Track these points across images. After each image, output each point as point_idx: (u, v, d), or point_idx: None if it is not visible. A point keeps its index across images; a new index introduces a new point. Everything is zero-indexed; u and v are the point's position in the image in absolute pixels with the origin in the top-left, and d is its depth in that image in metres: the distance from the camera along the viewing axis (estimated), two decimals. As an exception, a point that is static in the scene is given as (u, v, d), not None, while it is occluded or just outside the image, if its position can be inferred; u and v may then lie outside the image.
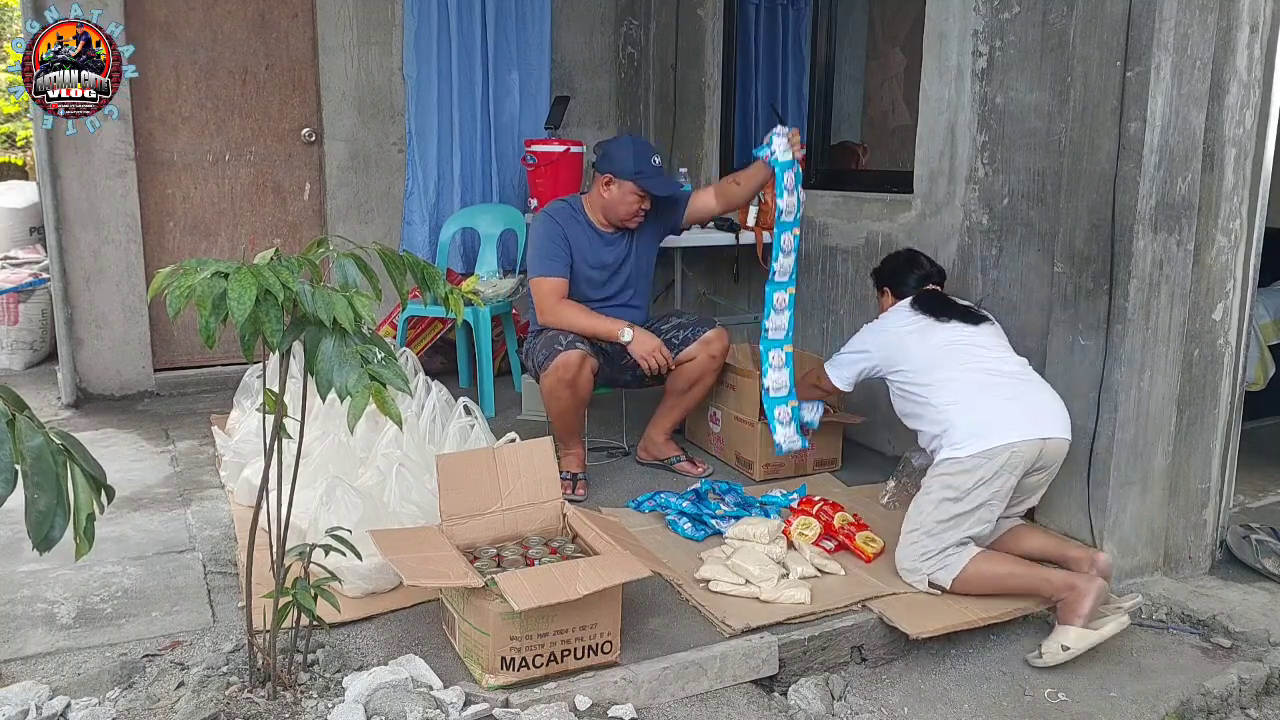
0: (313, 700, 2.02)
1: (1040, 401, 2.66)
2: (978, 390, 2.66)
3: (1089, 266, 2.76)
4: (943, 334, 2.80)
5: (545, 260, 3.34)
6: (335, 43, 4.62)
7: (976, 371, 2.71)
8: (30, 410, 1.51)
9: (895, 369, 2.85)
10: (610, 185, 3.34)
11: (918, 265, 3.13)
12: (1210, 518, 2.94)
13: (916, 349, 2.81)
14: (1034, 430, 2.57)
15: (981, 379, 2.69)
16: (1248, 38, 2.67)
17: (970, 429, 2.58)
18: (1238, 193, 2.76)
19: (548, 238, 3.36)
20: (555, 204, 3.52)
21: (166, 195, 4.53)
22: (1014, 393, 2.67)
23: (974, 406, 2.63)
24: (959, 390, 2.67)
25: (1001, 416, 2.59)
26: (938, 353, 2.77)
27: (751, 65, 4.93)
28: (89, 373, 4.40)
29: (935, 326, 2.83)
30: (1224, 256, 2.79)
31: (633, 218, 3.39)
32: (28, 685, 2.04)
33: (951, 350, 2.77)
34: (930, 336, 2.81)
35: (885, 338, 2.92)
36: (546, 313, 3.33)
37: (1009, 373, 2.73)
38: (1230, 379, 2.89)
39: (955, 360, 2.74)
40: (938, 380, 2.72)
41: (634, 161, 3.30)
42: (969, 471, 2.55)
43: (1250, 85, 2.71)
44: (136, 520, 3.06)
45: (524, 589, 2.07)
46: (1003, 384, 2.68)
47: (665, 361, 3.28)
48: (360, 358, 1.76)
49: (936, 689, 2.40)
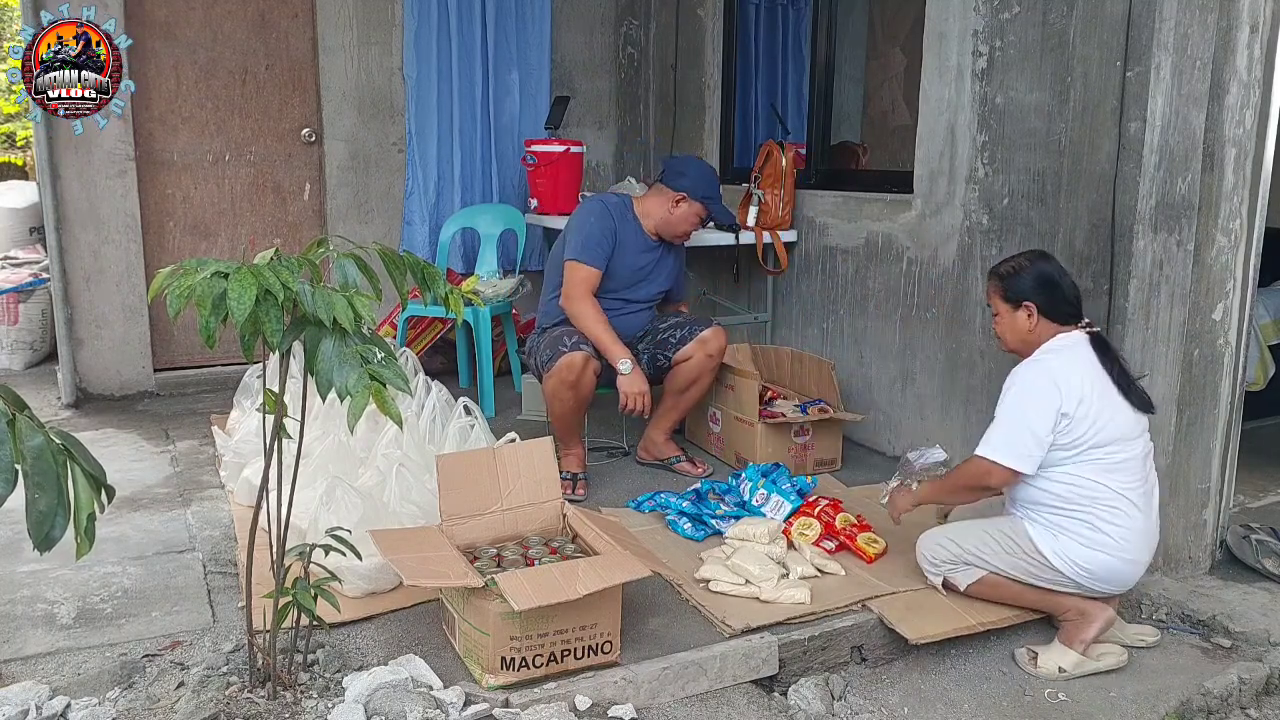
0: (313, 700, 2.02)
1: (1151, 556, 2.47)
2: (1139, 544, 2.37)
3: (1089, 266, 2.76)
4: (1140, 437, 2.38)
5: (589, 248, 3.36)
6: (335, 43, 4.62)
7: (1155, 516, 2.42)
8: (30, 410, 1.51)
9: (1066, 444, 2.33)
10: (681, 203, 3.41)
11: (1067, 280, 2.48)
12: (1210, 518, 2.94)
13: (1110, 435, 2.32)
14: (1132, 585, 2.48)
15: (1147, 534, 2.39)
16: (1248, 38, 2.67)
17: (1101, 568, 2.37)
18: (1238, 193, 2.76)
19: (601, 227, 3.39)
20: (611, 198, 3.57)
21: (166, 195, 4.53)
22: (1150, 553, 2.43)
23: (1125, 557, 2.36)
24: (1129, 531, 2.34)
25: (1129, 575, 2.42)
26: (1135, 464, 2.36)
27: (751, 65, 4.93)
28: (89, 373, 4.40)
29: (1128, 414, 2.36)
30: (1224, 256, 2.79)
31: (685, 235, 3.51)
32: (28, 685, 2.04)
33: (1145, 466, 2.39)
34: (1128, 430, 2.35)
35: (1072, 389, 2.31)
36: (573, 300, 3.34)
37: (1156, 530, 2.45)
38: (1230, 379, 2.89)
39: (1145, 489, 2.38)
40: (1117, 495, 2.33)
41: (708, 187, 3.44)
42: (1049, 576, 2.42)
43: (1250, 85, 2.71)
44: (136, 520, 3.06)
45: (524, 589, 2.07)
46: (1151, 542, 2.42)
47: (644, 410, 3.29)
48: (360, 358, 1.76)
49: (936, 689, 2.40)
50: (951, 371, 3.40)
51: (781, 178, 4.05)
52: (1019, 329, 2.46)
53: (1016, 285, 2.45)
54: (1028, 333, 2.45)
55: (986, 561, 2.48)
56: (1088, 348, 2.39)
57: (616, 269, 3.42)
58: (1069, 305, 2.43)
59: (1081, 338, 2.41)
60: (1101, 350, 2.41)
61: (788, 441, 3.49)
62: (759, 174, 4.12)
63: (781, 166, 4.05)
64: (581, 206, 3.57)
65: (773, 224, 4.09)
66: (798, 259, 4.14)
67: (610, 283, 3.42)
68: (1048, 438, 2.33)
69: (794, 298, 4.19)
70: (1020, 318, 2.45)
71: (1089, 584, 2.41)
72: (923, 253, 3.48)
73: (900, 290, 3.60)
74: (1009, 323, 2.48)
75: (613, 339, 3.28)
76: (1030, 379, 2.37)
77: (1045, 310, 2.42)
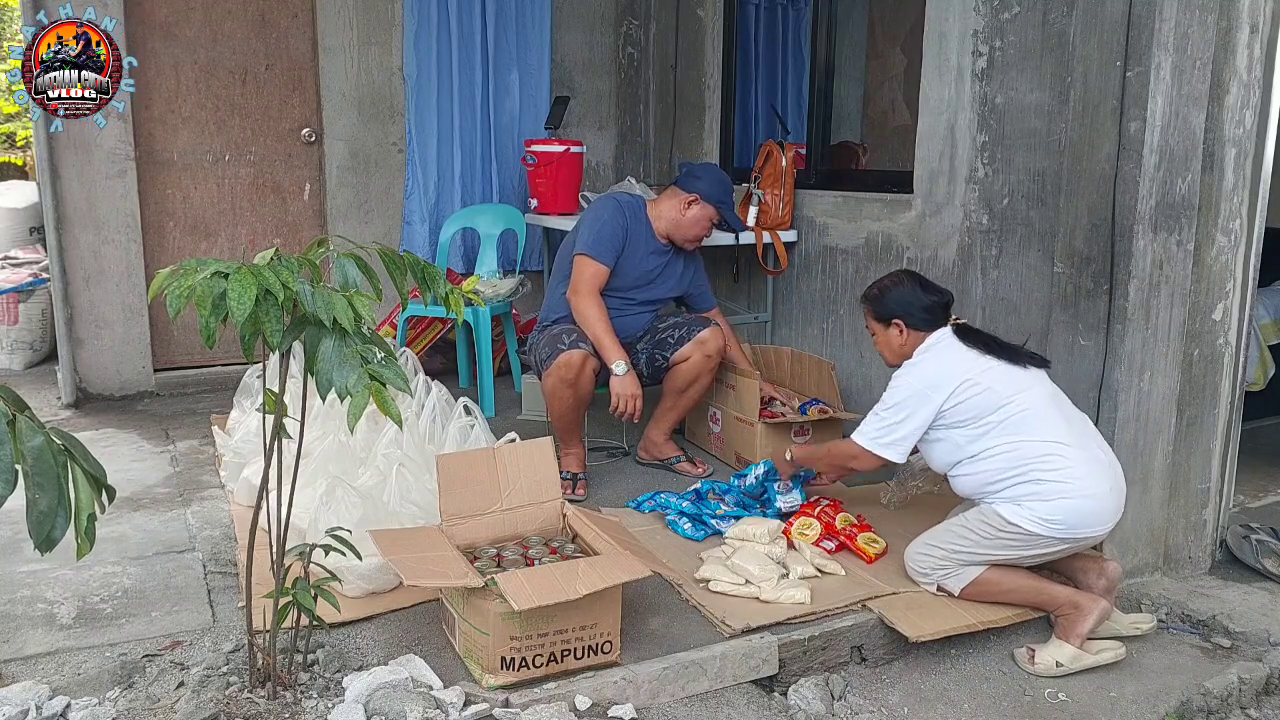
0: (313, 700, 2.02)
1: (1122, 487, 2.52)
2: (1090, 475, 2.44)
3: (1089, 266, 2.76)
4: (1035, 386, 2.51)
5: (600, 243, 3.36)
6: (335, 43, 4.62)
7: (1096, 449, 2.50)
8: (31, 410, 1.51)
9: (967, 420, 2.50)
10: (693, 205, 3.43)
11: (930, 289, 2.70)
12: (1210, 518, 2.94)
13: (1001, 395, 2.47)
14: (1114, 521, 2.51)
15: (1094, 463, 2.46)
16: (1248, 38, 2.67)
17: (1069, 513, 2.41)
18: (1238, 193, 2.76)
19: (613, 225, 3.39)
20: (625, 196, 3.57)
21: (166, 195, 4.53)
22: (1113, 483, 2.48)
23: (1084, 493, 2.42)
24: (1074, 468, 2.42)
25: (1101, 510, 2.45)
26: (1041, 409, 2.47)
27: (751, 65, 4.93)
28: (89, 373, 4.40)
29: (1014, 373, 2.52)
30: (1224, 256, 2.79)
31: (696, 240, 3.51)
32: (28, 685, 2.04)
33: (1059, 408, 2.51)
34: (1018, 384, 2.50)
35: (947, 378, 2.51)
36: (579, 295, 3.34)
37: (1110, 460, 2.53)
38: (1230, 379, 2.89)
39: (1071, 428, 2.48)
40: (1043, 443, 2.43)
41: (722, 192, 3.45)
42: (1032, 542, 2.45)
43: (1250, 85, 2.71)
44: (136, 520, 3.06)
45: (524, 589, 2.07)
46: (1107, 472, 2.48)
47: (634, 412, 3.27)
48: (360, 358, 1.76)
49: (936, 689, 2.40)
50: (951, 371, 3.40)
51: (781, 178, 4.05)
52: (893, 344, 2.70)
53: (883, 305, 2.70)
54: (901, 345, 2.68)
55: (972, 554, 2.51)
56: (954, 338, 2.60)
57: (624, 268, 3.42)
58: (931, 313, 2.65)
59: (947, 332, 2.62)
60: (966, 335, 2.60)
61: (787, 442, 3.48)
62: (759, 174, 4.12)
63: (781, 166, 4.05)
64: (596, 202, 3.57)
65: (773, 224, 4.09)
66: (798, 259, 4.14)
67: (616, 281, 3.42)
68: (919, 430, 2.55)
69: (794, 298, 4.19)
70: (893, 334, 2.69)
71: (1069, 534, 2.44)
72: (923, 253, 3.48)
73: (900, 290, 3.60)
74: (884, 340, 2.72)
75: (612, 340, 3.28)
76: (907, 379, 2.58)
77: (911, 323, 2.65)
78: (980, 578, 2.51)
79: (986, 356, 2.54)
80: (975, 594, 2.54)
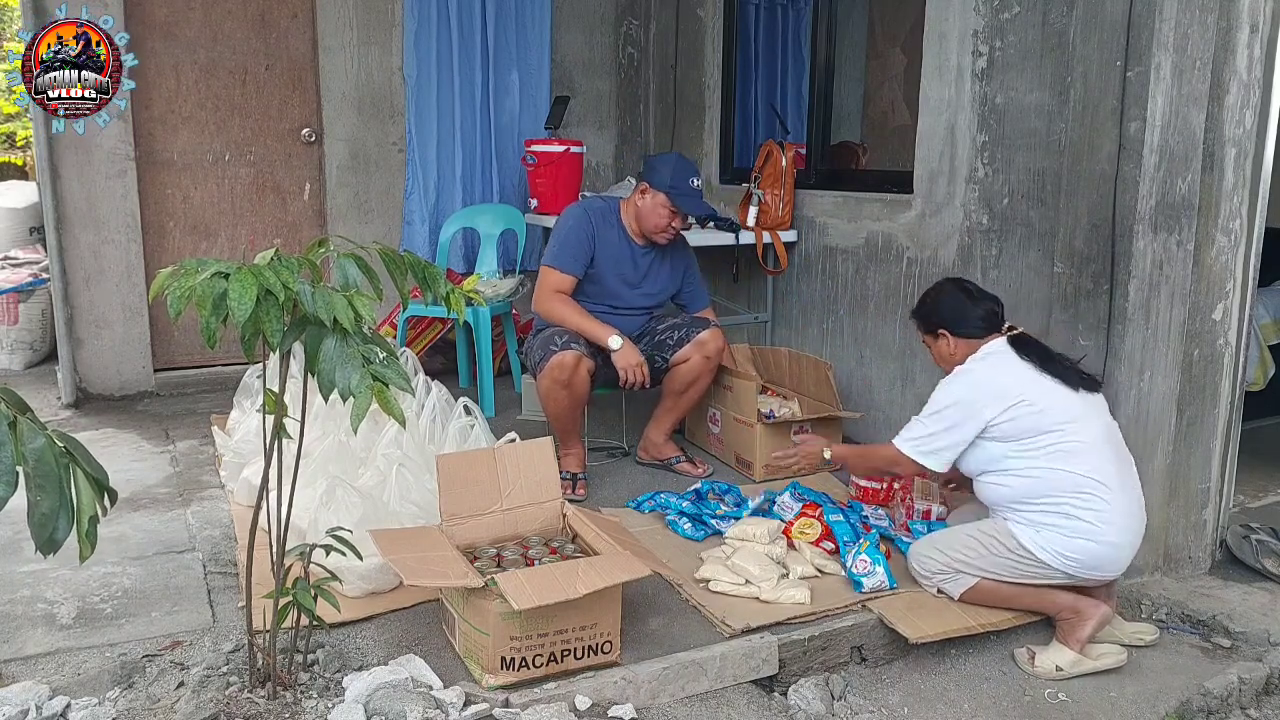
0: (313, 700, 2.02)
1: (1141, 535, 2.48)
2: (1122, 525, 2.39)
3: (1089, 266, 2.76)
4: (1094, 418, 2.44)
5: (563, 253, 3.34)
6: (335, 43, 4.62)
7: (1136, 495, 2.45)
8: (32, 412, 1.51)
9: (1012, 437, 2.41)
10: (645, 194, 3.37)
11: (975, 295, 2.64)
12: (1210, 518, 2.94)
13: (1055, 419, 2.40)
14: (1123, 569, 2.48)
15: (1129, 514, 2.42)
16: (1248, 38, 2.67)
17: (1087, 555, 2.38)
18: (1238, 193, 2.76)
19: (575, 232, 3.36)
20: (595, 201, 3.53)
21: (166, 195, 4.53)
22: (1137, 534, 2.45)
23: (1109, 541, 2.38)
24: (1109, 513, 2.37)
25: (1118, 559, 2.43)
26: (1095, 444, 2.40)
27: (751, 65, 4.93)
28: (89, 373, 4.40)
29: (1069, 397, 2.44)
30: (1224, 256, 2.79)
31: (660, 232, 3.39)
32: (28, 685, 2.04)
33: (1112, 446, 2.44)
34: (1073, 411, 2.42)
35: (999, 392, 2.42)
36: (541, 303, 3.34)
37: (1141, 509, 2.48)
38: (1230, 379, 2.89)
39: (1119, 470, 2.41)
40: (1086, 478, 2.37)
41: (672, 177, 3.32)
42: (1039, 571, 2.43)
43: (1250, 85, 2.71)
44: (136, 520, 3.06)
45: (524, 589, 2.07)
46: (1136, 524, 2.44)
47: (642, 379, 3.25)
48: (362, 358, 1.76)
49: (936, 689, 2.40)
50: (951, 371, 3.40)
51: (781, 178, 4.05)
52: (944, 354, 2.64)
53: (928, 317, 2.67)
54: (951, 355, 2.62)
55: (975, 566, 2.49)
56: (1009, 350, 2.52)
57: (601, 274, 3.40)
58: (980, 321, 2.59)
59: (1002, 343, 2.54)
60: (1021, 346, 2.52)
61: (787, 442, 3.48)
62: (759, 174, 4.13)
63: (781, 166, 4.05)
64: (564, 212, 3.52)
65: (772, 224, 4.09)
66: (797, 259, 4.14)
67: (593, 288, 3.40)
68: (957, 441, 2.47)
69: (794, 298, 4.19)
70: (941, 345, 2.64)
71: (1078, 573, 2.42)
72: (923, 253, 3.48)
73: (900, 290, 3.60)
74: (937, 352, 2.68)
75: (594, 322, 3.27)
76: (954, 386, 2.52)
77: (957, 331, 2.60)
78: (981, 584, 2.51)
79: (1042, 375, 2.45)
80: (975, 598, 2.53)
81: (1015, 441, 2.43)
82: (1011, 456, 2.44)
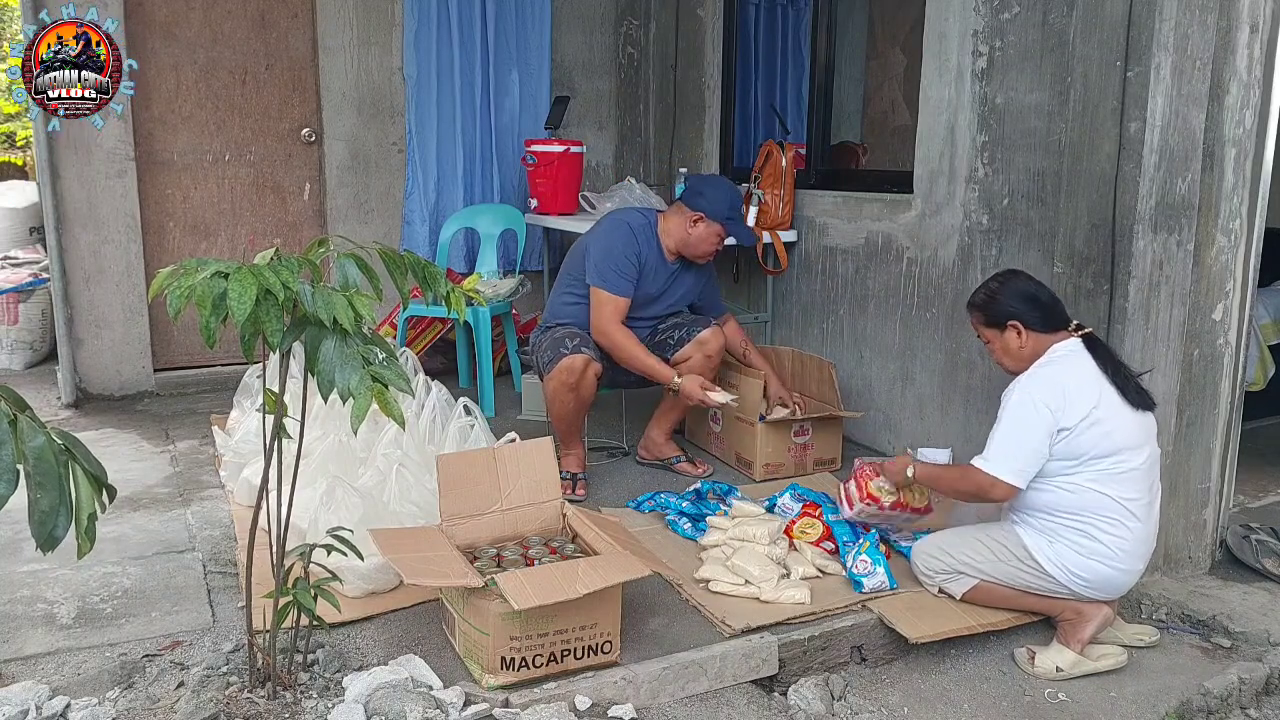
0: (313, 700, 2.02)
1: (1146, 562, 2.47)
2: (1136, 554, 2.38)
3: (1089, 266, 2.76)
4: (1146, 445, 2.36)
5: (616, 276, 3.28)
6: (335, 43, 4.61)
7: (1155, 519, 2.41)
8: (32, 410, 1.51)
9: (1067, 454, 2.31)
10: (699, 224, 3.33)
11: (1043, 289, 2.50)
12: (1210, 518, 2.94)
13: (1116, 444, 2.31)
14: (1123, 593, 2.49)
15: (1146, 543, 2.40)
16: (1248, 38, 2.67)
17: (1095, 575, 2.38)
18: (1238, 193, 2.76)
19: (626, 254, 3.30)
20: (637, 218, 3.41)
21: (166, 195, 4.53)
22: (1146, 563, 2.43)
23: (1121, 567, 2.38)
24: (1128, 541, 2.35)
25: (1123, 584, 2.43)
26: (1141, 473, 2.34)
27: (751, 65, 4.93)
28: (89, 373, 4.40)
29: (1130, 419, 2.34)
30: (1224, 256, 2.79)
31: (706, 256, 3.41)
32: (28, 685, 2.04)
33: (1150, 476, 2.37)
34: (1133, 438, 2.33)
35: (1078, 399, 2.30)
36: (603, 333, 3.27)
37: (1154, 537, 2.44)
38: (1230, 379, 2.89)
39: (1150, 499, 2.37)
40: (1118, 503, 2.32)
41: (728, 208, 3.33)
42: (1044, 583, 2.43)
43: (1250, 85, 2.71)
44: (136, 520, 3.06)
45: (524, 589, 2.07)
46: (1148, 552, 2.41)
47: (711, 394, 3.21)
48: (362, 358, 1.76)
49: (936, 689, 2.40)
50: (951, 371, 3.40)
51: (781, 178, 4.05)
52: (1012, 349, 2.47)
53: (995, 309, 2.47)
54: (1020, 349, 2.45)
55: (980, 570, 2.49)
56: (1085, 353, 2.40)
57: (639, 290, 3.37)
58: (1052, 312, 2.45)
59: (1077, 344, 2.42)
60: (1095, 350, 2.41)
61: (787, 441, 3.49)
62: (759, 174, 4.13)
63: (781, 166, 4.05)
64: (607, 225, 3.43)
65: (772, 224, 4.09)
66: (797, 259, 4.14)
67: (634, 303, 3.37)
68: (1044, 453, 2.34)
69: (794, 298, 4.19)
70: (1010, 338, 2.46)
71: (1082, 591, 2.42)
72: (922, 253, 3.48)
73: (900, 290, 3.60)
74: (1001, 346, 2.49)
75: (656, 362, 3.25)
76: (1029, 393, 2.36)
77: (1030, 324, 2.43)
78: (983, 584, 2.51)
79: (1111, 386, 2.34)
80: (977, 598, 2.53)
81: (1073, 460, 2.34)
82: (1060, 471, 2.36)
